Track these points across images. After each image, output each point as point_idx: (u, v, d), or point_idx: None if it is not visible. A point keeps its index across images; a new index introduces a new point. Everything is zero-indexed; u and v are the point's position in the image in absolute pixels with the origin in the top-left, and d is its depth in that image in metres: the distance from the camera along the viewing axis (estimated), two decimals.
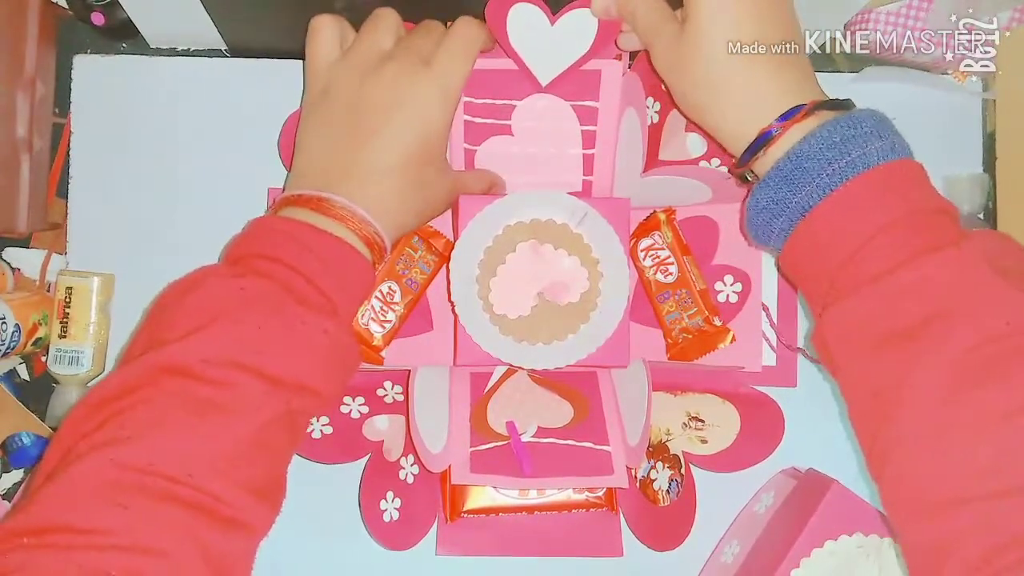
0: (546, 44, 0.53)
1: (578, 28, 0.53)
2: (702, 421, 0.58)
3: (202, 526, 0.38)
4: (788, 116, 0.43)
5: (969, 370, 0.37)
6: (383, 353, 0.58)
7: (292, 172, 0.50)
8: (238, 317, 0.42)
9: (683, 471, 0.56)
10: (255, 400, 0.41)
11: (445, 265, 0.56)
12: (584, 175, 0.57)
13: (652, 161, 0.56)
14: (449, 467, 0.53)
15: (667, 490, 0.56)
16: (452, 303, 0.54)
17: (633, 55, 0.55)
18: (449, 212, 0.57)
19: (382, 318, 0.57)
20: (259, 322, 0.42)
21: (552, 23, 0.53)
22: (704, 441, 0.57)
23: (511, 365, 0.55)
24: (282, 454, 0.44)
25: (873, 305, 0.40)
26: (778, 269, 0.57)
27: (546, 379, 0.57)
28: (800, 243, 0.43)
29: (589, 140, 0.56)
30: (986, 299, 0.38)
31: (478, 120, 0.55)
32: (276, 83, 0.60)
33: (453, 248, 0.54)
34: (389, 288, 0.58)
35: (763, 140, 0.44)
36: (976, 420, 0.36)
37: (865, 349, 0.40)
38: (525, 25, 0.53)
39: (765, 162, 0.45)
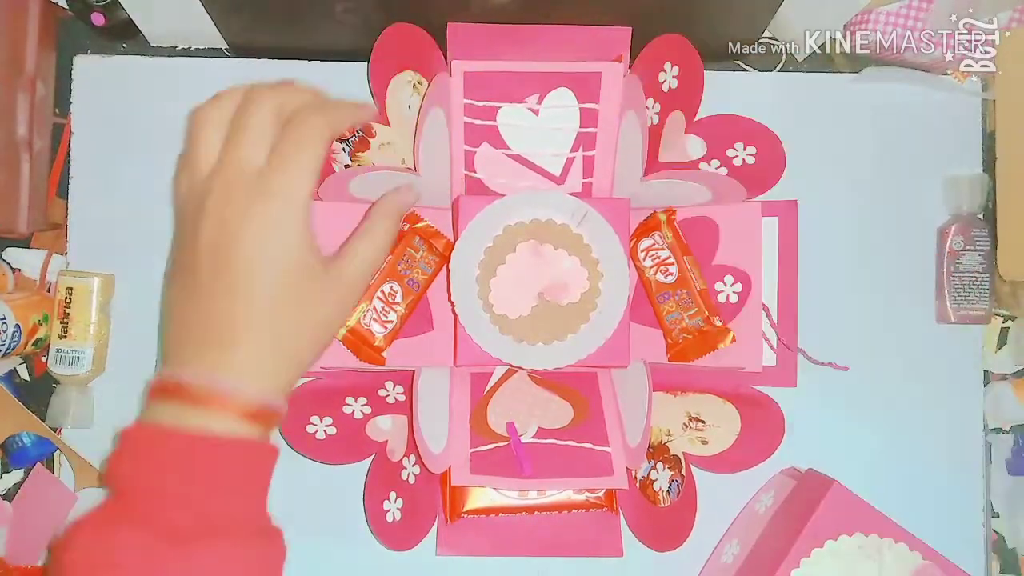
0: (540, 134, 0.55)
1: (560, 104, 0.55)
2: (702, 422, 0.58)
3: None
4: None
5: None
6: (385, 353, 0.58)
7: (163, 334, 0.45)
8: None
9: (683, 472, 0.57)
10: None
11: (446, 265, 0.57)
12: (584, 177, 0.57)
13: (652, 163, 0.56)
14: (449, 468, 0.53)
15: (667, 491, 0.57)
16: (452, 303, 0.54)
17: (633, 57, 0.55)
18: (450, 213, 0.57)
19: (384, 318, 0.57)
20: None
21: (537, 114, 0.55)
22: (704, 441, 0.57)
23: (511, 365, 0.55)
24: None
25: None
26: None
27: (546, 379, 0.57)
28: None
29: (589, 142, 0.56)
30: None
31: (477, 122, 0.55)
32: None
33: (453, 248, 0.54)
34: (391, 288, 0.58)
35: None
36: None
37: None
38: (516, 125, 0.55)
39: None
